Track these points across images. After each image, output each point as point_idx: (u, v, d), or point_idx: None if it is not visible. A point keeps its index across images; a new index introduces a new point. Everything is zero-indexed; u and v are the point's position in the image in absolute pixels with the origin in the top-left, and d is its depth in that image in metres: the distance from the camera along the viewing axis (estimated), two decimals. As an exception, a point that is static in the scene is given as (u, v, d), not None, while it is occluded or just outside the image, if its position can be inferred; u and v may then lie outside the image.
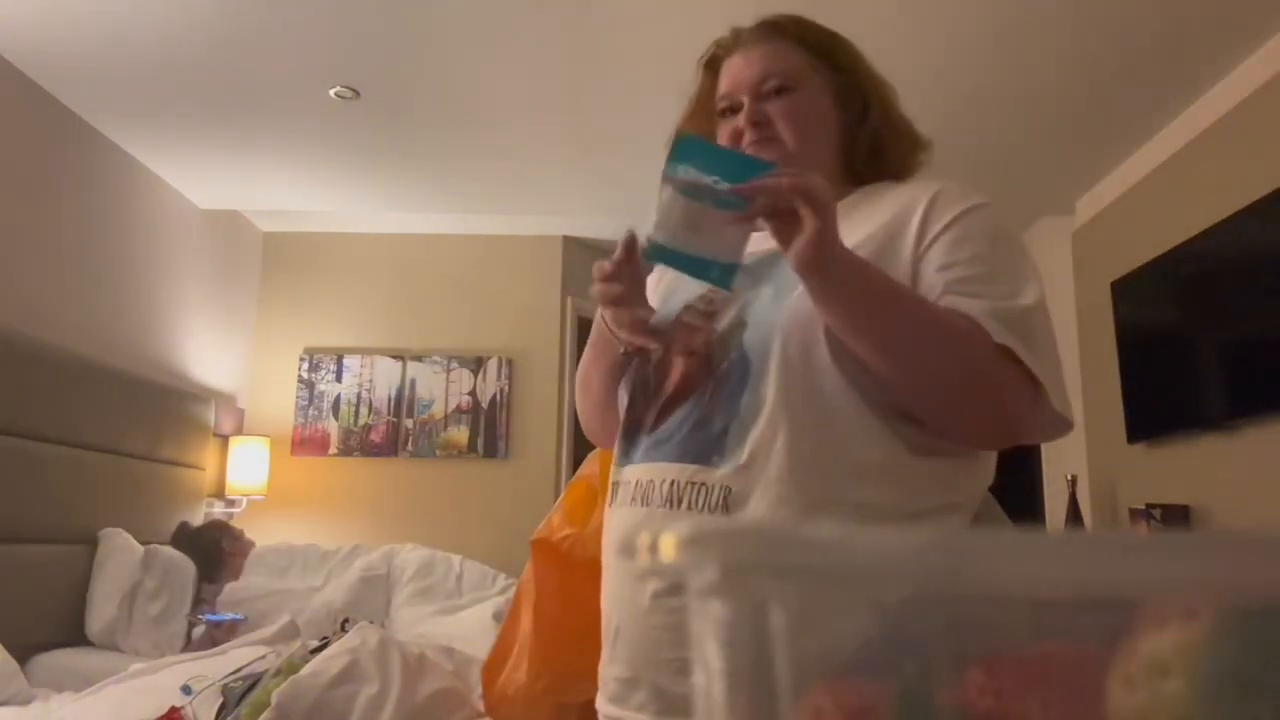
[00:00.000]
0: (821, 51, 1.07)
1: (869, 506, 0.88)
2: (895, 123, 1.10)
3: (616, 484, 1.01)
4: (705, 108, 1.12)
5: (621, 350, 1.05)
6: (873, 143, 1.07)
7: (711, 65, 1.12)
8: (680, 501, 0.92)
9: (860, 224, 0.98)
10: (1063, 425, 0.94)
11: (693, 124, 1.13)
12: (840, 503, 0.88)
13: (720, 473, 0.91)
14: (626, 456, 1.01)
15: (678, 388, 0.98)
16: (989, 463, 1.00)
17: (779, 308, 0.94)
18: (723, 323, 0.98)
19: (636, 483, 0.97)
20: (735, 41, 1.10)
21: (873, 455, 0.90)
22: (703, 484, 0.91)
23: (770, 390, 0.90)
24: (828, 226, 0.82)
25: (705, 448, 0.92)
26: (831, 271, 0.85)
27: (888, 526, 0.80)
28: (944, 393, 0.90)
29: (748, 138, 1.04)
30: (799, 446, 0.89)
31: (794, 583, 0.28)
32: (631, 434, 1.02)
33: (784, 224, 0.84)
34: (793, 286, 0.92)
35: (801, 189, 0.82)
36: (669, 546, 0.28)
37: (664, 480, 0.94)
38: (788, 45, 1.06)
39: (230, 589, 3.34)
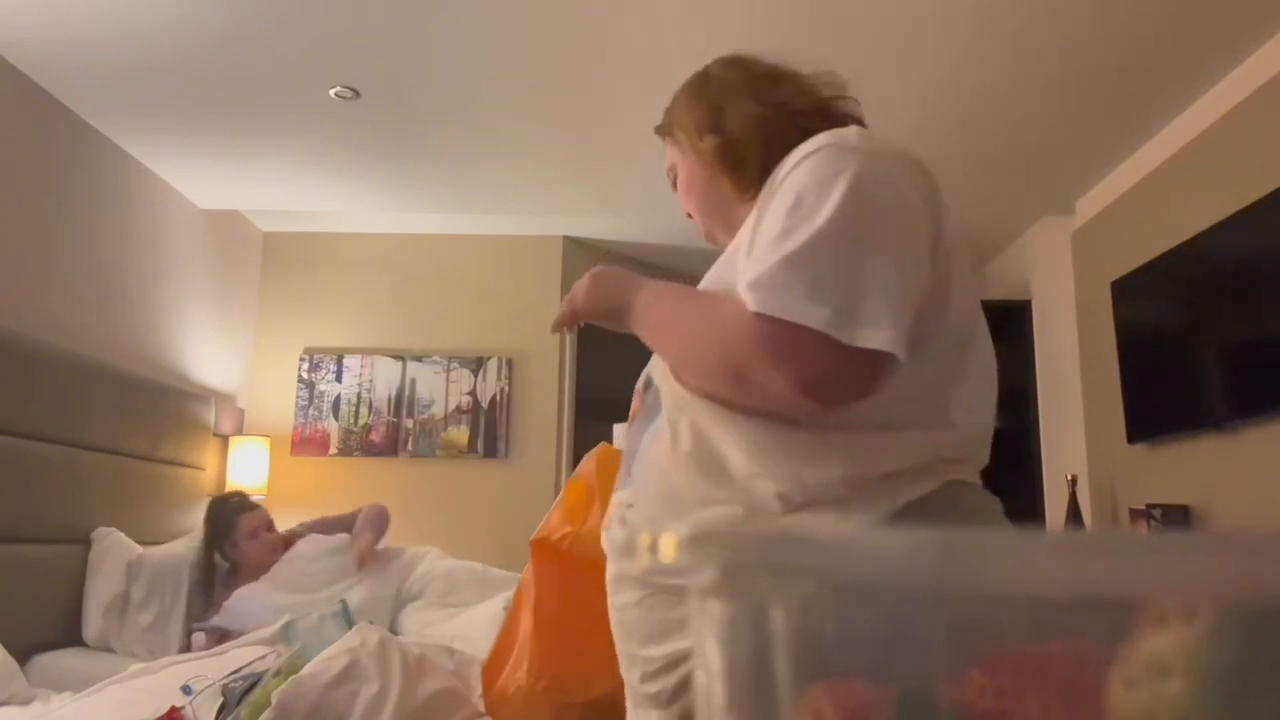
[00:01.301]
0: (670, 129, 1.18)
1: (742, 501, 0.91)
2: (745, 121, 1.08)
3: None
4: None
5: None
6: (732, 153, 1.10)
7: None
8: (614, 520, 1.04)
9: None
10: (882, 360, 0.82)
11: None
12: (712, 503, 0.93)
13: (625, 493, 1.03)
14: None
15: (632, 419, 1.10)
16: (921, 438, 0.91)
17: None
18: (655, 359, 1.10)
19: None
20: None
21: (741, 451, 0.91)
22: (619, 503, 1.04)
23: (664, 411, 1.00)
24: (595, 313, 1.09)
25: (627, 474, 1.05)
26: (626, 324, 1.04)
27: (796, 510, 0.80)
28: (723, 380, 0.91)
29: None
30: (675, 460, 0.96)
31: (794, 583, 0.28)
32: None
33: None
34: None
35: (567, 316, 1.13)
36: (669, 546, 0.28)
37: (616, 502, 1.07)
38: (667, 141, 1.20)
39: (229, 611, 3.02)
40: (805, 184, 0.89)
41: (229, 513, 3.34)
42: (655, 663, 0.93)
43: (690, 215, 1.20)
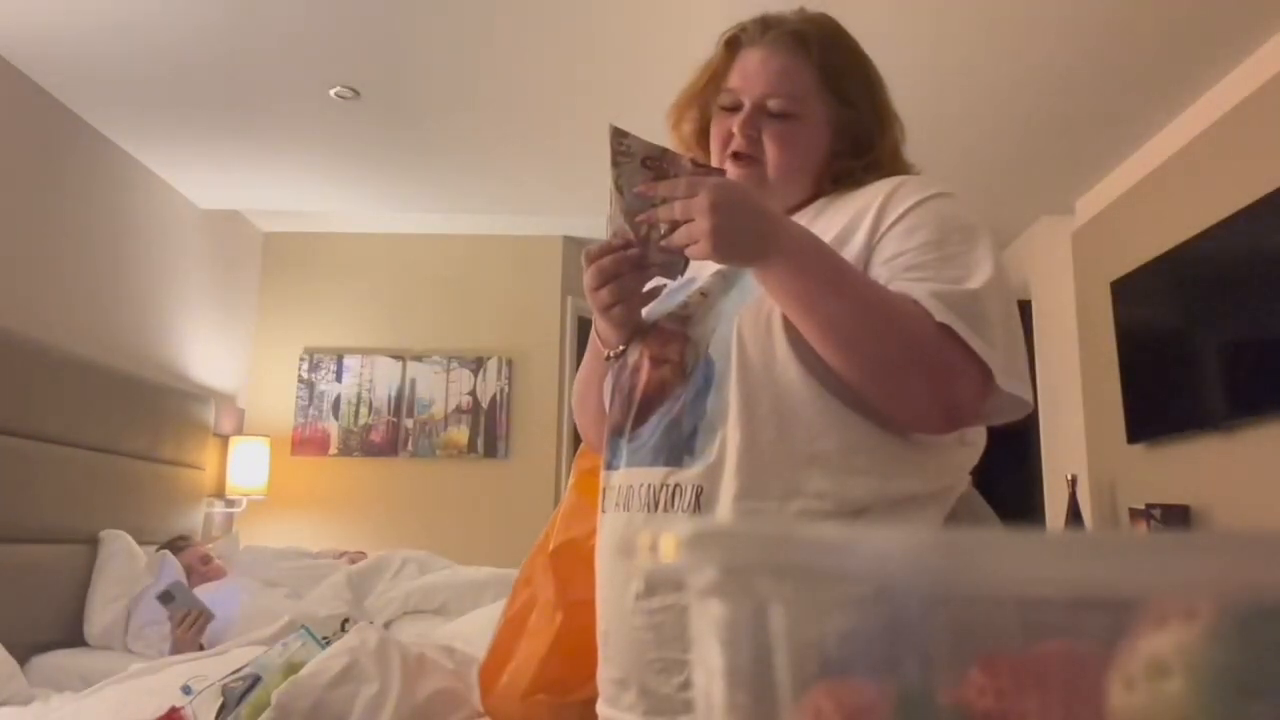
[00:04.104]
0: (837, 82, 1.06)
1: (831, 496, 0.89)
2: (884, 164, 1.07)
3: (604, 490, 1.04)
4: (713, 83, 1.11)
5: (606, 355, 1.07)
6: (851, 174, 1.06)
7: (731, 46, 1.10)
8: (658, 504, 0.94)
9: (824, 224, 1.00)
10: (1019, 407, 0.93)
11: (698, 94, 1.13)
12: (800, 494, 0.89)
13: (691, 473, 0.93)
14: (610, 463, 1.03)
15: (652, 394, 1.00)
16: (965, 454, 0.98)
17: (740, 308, 0.96)
18: (694, 329, 1.00)
19: (618, 488, 1.00)
20: (760, 35, 1.07)
21: (834, 445, 0.90)
22: (677, 485, 0.94)
23: (732, 388, 0.92)
24: (720, 220, 0.86)
25: (677, 450, 0.95)
26: (755, 261, 0.90)
27: (859, 516, 0.80)
28: (882, 371, 0.89)
29: (735, 143, 1.05)
30: (757, 441, 0.90)
31: (794, 583, 0.28)
32: (613, 440, 1.03)
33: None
34: (756, 287, 0.94)
35: (686, 213, 0.89)
36: (669, 547, 0.28)
37: (642, 485, 0.97)
38: (806, 65, 1.04)
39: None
40: (946, 224, 0.95)
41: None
42: None
43: (749, 137, 1.04)
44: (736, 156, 1.05)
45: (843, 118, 1.06)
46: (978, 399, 0.90)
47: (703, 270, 1.07)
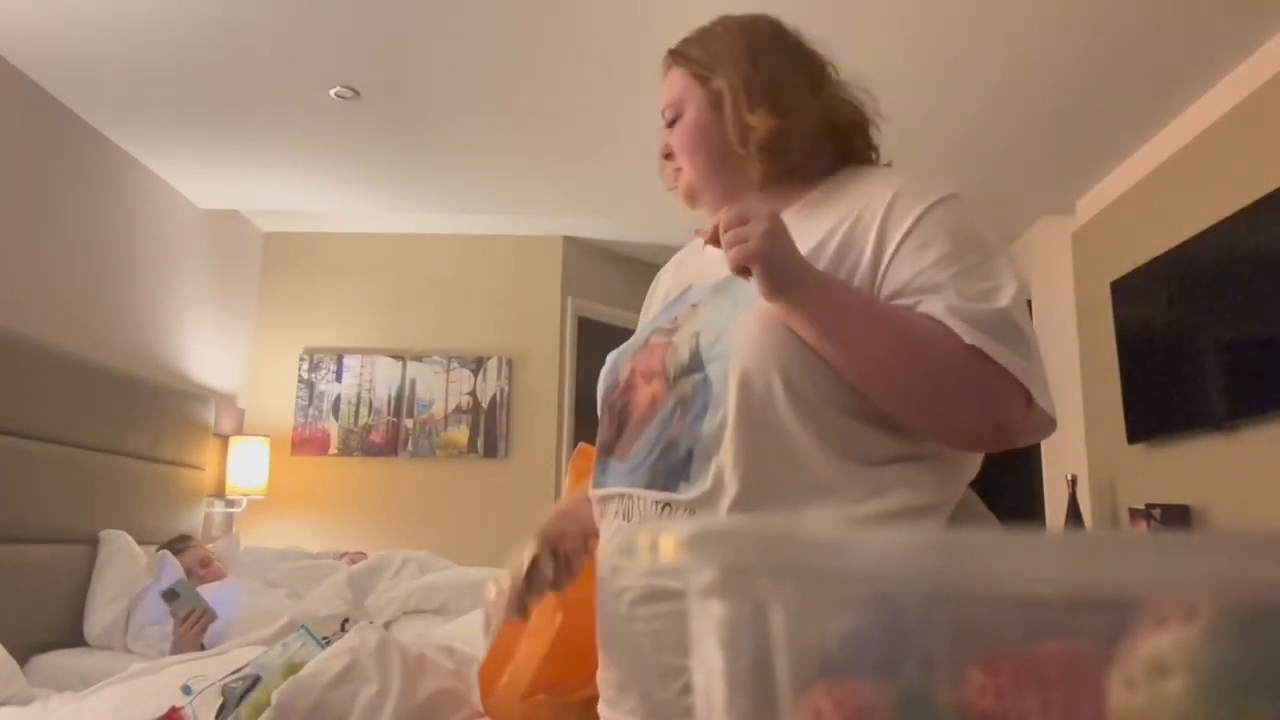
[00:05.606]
0: (696, 64, 1.09)
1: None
2: (833, 105, 1.06)
3: (602, 499, 1.04)
4: None
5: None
6: (781, 143, 1.03)
7: None
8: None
9: (819, 225, 0.99)
10: (1049, 425, 0.94)
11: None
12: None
13: (685, 497, 0.93)
14: (602, 478, 1.03)
15: (644, 412, 0.99)
16: (963, 464, 0.98)
17: (735, 326, 0.94)
18: (683, 342, 0.99)
19: (614, 500, 1.00)
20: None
21: (830, 474, 0.90)
22: (668, 506, 0.94)
23: (730, 414, 0.91)
24: (771, 265, 0.86)
25: (672, 473, 0.94)
26: (792, 296, 0.88)
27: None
28: (925, 396, 0.90)
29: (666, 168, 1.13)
30: (755, 469, 0.90)
31: (794, 583, 0.28)
32: (603, 457, 1.03)
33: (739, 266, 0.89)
34: (747, 301, 0.94)
35: (733, 240, 0.87)
36: (669, 546, 0.28)
37: (638, 503, 0.97)
38: (675, 71, 1.11)
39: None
40: (958, 235, 0.94)
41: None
42: None
43: (667, 156, 1.11)
44: (670, 174, 1.12)
45: (719, 87, 1.06)
46: (1025, 415, 0.91)
47: (699, 287, 1.06)
